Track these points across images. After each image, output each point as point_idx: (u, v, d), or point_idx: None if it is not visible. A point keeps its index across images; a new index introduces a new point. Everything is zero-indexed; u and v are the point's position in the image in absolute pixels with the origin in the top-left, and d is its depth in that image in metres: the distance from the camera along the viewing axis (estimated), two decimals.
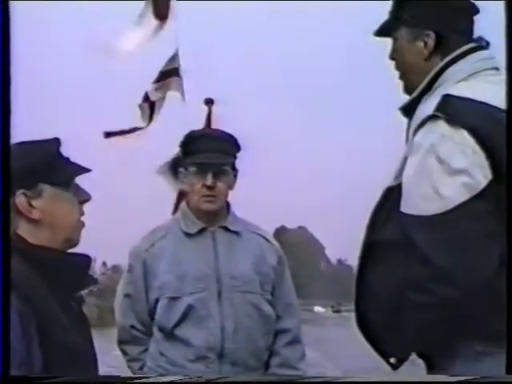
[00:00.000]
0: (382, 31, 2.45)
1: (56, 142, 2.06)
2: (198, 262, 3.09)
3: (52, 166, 2.01)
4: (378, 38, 2.48)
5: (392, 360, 2.29)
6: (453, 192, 2.08)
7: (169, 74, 5.93)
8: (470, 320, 2.10)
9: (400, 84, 2.43)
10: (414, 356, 2.29)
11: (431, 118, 2.16)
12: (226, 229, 3.17)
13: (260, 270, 3.14)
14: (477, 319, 2.10)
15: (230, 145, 3.19)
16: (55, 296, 1.93)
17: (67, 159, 2.07)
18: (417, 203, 2.13)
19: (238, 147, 3.20)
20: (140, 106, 5.83)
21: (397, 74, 2.44)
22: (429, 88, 2.30)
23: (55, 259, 1.97)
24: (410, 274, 2.12)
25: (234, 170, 3.20)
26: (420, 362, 2.31)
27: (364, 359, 2.35)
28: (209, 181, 3.07)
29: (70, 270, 1.99)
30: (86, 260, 2.05)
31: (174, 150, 3.22)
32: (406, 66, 2.40)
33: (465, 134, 2.11)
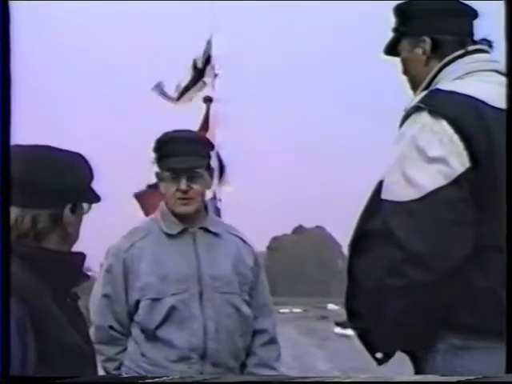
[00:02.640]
0: (388, 49, 2.51)
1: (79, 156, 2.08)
2: (179, 263, 3.10)
3: (89, 184, 2.06)
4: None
5: (378, 355, 2.32)
6: (428, 179, 2.14)
7: (203, 63, 6.03)
8: (442, 306, 2.15)
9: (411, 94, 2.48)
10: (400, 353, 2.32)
11: (415, 109, 2.24)
12: (206, 230, 3.18)
13: (238, 270, 3.16)
14: (448, 306, 2.15)
15: (201, 146, 3.19)
16: (51, 294, 1.93)
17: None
18: (394, 190, 2.19)
19: (211, 146, 3.22)
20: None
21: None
22: (428, 87, 2.37)
23: (50, 257, 1.98)
24: (386, 260, 2.17)
25: (210, 169, 3.21)
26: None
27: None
28: (183, 185, 3.07)
29: (65, 267, 2.00)
30: (80, 257, 2.05)
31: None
32: (411, 76, 2.47)
33: (444, 123, 2.17)
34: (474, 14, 2.42)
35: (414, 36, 2.42)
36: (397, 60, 2.52)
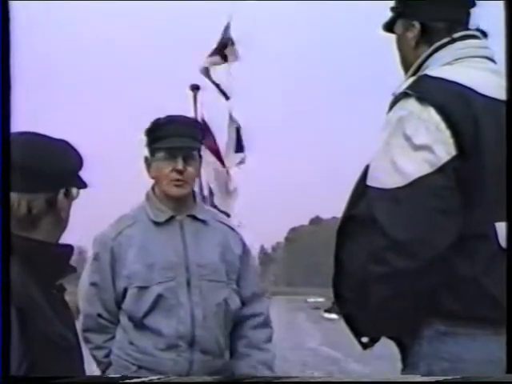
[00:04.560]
0: (386, 26, 2.51)
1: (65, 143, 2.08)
2: (166, 251, 3.09)
3: (78, 170, 2.07)
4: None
5: (364, 339, 2.34)
6: (413, 167, 2.13)
7: (224, 46, 6.14)
8: (425, 293, 2.16)
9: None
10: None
11: (403, 95, 2.22)
12: (194, 217, 3.17)
13: (226, 258, 3.16)
14: (433, 293, 2.16)
15: (197, 130, 3.21)
16: (37, 285, 1.93)
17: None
18: (379, 176, 2.19)
19: (203, 133, 3.23)
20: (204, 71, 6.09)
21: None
22: (417, 72, 2.36)
23: (37, 249, 1.97)
24: (370, 247, 2.17)
25: (200, 156, 3.22)
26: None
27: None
28: (180, 165, 3.07)
29: (52, 259, 1.99)
30: (67, 249, 2.05)
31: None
32: (402, 57, 2.46)
33: (432, 111, 2.16)
34: (470, 2, 2.41)
35: (406, 18, 2.42)
36: None
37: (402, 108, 2.21)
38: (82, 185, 2.09)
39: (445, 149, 2.13)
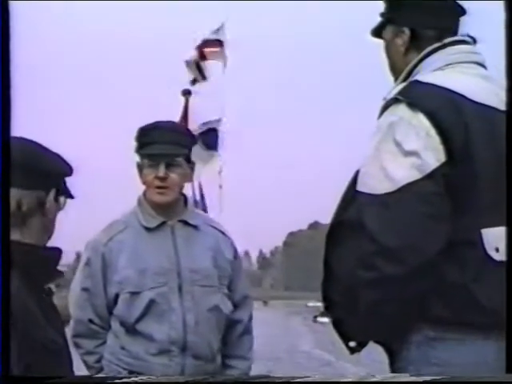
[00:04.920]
0: (374, 31, 2.50)
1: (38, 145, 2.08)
2: (158, 256, 3.10)
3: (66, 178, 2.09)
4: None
5: (351, 344, 2.33)
6: (403, 172, 2.14)
7: (212, 45, 6.20)
8: (414, 299, 2.17)
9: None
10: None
11: (394, 101, 2.23)
12: (185, 222, 3.17)
13: (218, 263, 3.17)
14: (422, 299, 2.17)
15: (183, 136, 3.20)
16: (26, 289, 1.93)
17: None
18: (369, 182, 2.20)
19: (192, 139, 3.21)
20: (187, 64, 6.14)
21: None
22: (407, 78, 2.36)
23: (26, 252, 1.97)
24: (359, 252, 2.18)
25: (190, 162, 3.20)
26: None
27: None
28: (161, 172, 3.07)
29: (41, 262, 2.00)
30: (56, 253, 2.06)
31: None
32: (391, 63, 2.46)
33: (421, 117, 2.17)
34: (460, 11, 2.40)
35: (396, 25, 2.41)
36: None
37: (393, 114, 2.21)
38: (69, 194, 2.10)
39: (434, 155, 2.14)
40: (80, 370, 2.72)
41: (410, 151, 2.15)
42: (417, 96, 2.21)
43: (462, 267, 2.16)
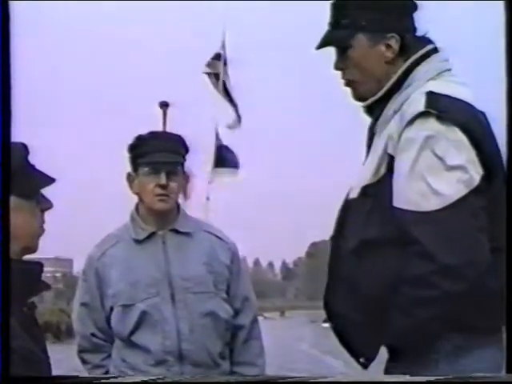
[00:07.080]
0: (336, 41, 2.38)
1: (23, 148, 2.05)
2: (148, 267, 3.11)
3: (18, 176, 2.00)
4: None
5: (362, 359, 2.29)
6: (451, 188, 2.13)
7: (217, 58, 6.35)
8: (468, 313, 2.14)
9: (348, 91, 2.40)
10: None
11: (422, 114, 2.18)
12: (176, 231, 3.17)
13: (213, 269, 3.15)
14: (472, 312, 2.15)
15: (180, 145, 3.21)
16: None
17: (33, 168, 2.06)
18: (414, 199, 2.16)
19: (186, 149, 3.22)
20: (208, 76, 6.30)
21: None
22: (398, 88, 2.30)
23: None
24: (407, 270, 2.15)
25: (184, 173, 3.21)
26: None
27: None
28: (163, 180, 3.08)
29: (21, 276, 1.98)
30: (37, 267, 2.05)
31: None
32: (364, 72, 2.35)
33: (457, 130, 2.15)
34: (415, 8, 2.36)
35: (377, 32, 2.32)
36: None
37: (424, 128, 2.17)
38: (50, 203, 2.08)
39: (475, 168, 2.14)
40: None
41: (454, 166, 2.13)
42: (445, 109, 2.18)
43: (497, 274, 2.15)
